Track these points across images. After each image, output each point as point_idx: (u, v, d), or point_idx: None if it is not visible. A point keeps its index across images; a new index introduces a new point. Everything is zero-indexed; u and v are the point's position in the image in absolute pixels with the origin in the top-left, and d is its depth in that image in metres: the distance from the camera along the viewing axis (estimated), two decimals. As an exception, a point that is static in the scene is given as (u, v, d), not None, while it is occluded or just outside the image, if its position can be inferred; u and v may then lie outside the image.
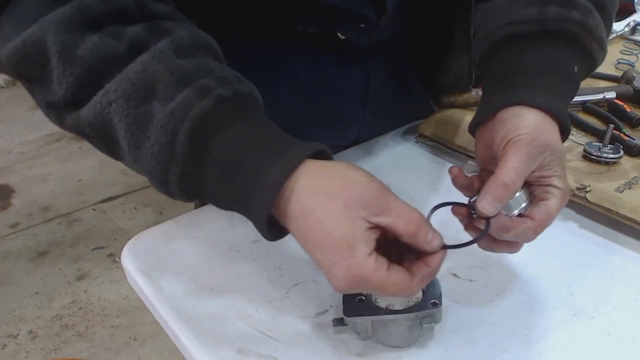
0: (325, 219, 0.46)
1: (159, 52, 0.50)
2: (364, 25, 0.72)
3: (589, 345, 0.53)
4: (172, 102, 0.48)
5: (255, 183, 0.48)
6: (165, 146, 0.48)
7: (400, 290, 0.47)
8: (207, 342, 0.55)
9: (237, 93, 0.51)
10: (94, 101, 0.50)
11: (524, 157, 0.52)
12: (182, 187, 0.51)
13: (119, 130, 0.50)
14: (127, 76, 0.49)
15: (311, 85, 0.79)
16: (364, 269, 0.46)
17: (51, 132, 3.14)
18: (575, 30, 0.60)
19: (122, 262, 0.67)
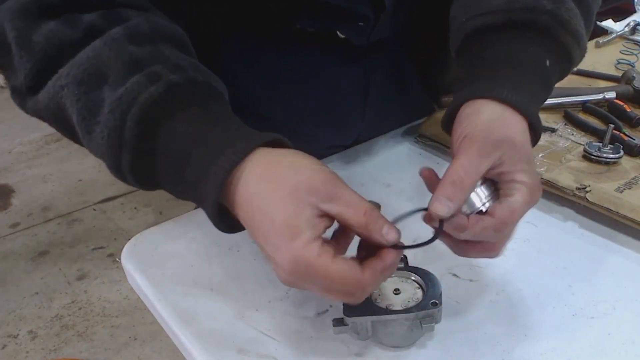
0: (270, 202, 0.45)
1: (111, 38, 0.50)
2: (362, 24, 0.72)
3: (589, 345, 0.53)
4: (122, 88, 0.48)
5: (203, 173, 0.46)
6: (114, 131, 0.48)
7: (349, 283, 0.44)
8: (207, 342, 0.55)
9: (191, 80, 0.50)
10: (48, 86, 0.50)
11: (474, 154, 0.48)
12: (134, 174, 0.50)
13: (71, 115, 0.50)
14: (79, 61, 0.49)
15: (311, 85, 0.79)
16: (306, 253, 0.43)
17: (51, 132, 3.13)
18: (545, 21, 0.56)
19: (122, 262, 0.67)
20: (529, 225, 0.68)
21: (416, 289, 0.54)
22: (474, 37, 0.59)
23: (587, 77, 0.98)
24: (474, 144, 0.49)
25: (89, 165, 2.84)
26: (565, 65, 0.59)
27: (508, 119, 0.51)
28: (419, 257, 0.61)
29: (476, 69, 0.57)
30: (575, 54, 0.59)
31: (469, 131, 0.50)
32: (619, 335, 0.54)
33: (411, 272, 0.56)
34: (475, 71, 0.57)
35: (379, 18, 0.72)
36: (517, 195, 0.49)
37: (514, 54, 0.56)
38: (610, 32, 1.12)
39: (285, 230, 0.44)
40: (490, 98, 0.52)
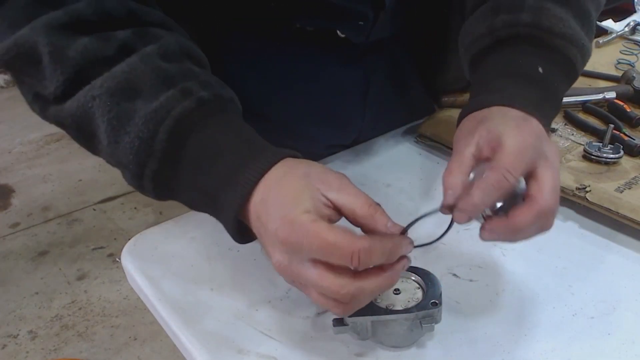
0: (284, 184, 0.48)
1: (146, 55, 0.53)
2: (362, 23, 0.72)
3: (589, 345, 0.53)
4: (156, 101, 0.51)
5: (227, 182, 0.50)
6: (146, 142, 0.51)
7: (344, 243, 0.43)
8: (207, 342, 0.55)
9: (218, 96, 0.54)
10: (79, 95, 0.52)
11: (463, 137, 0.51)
12: (156, 183, 0.53)
13: (99, 125, 0.52)
14: (114, 74, 0.52)
15: (311, 85, 0.79)
16: (303, 217, 0.44)
17: (51, 132, 3.14)
18: (528, 32, 0.59)
19: (122, 262, 0.67)
20: (529, 225, 0.68)
21: (416, 289, 0.54)
22: (474, 65, 0.63)
23: (587, 77, 0.98)
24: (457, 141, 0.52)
25: (89, 165, 2.84)
26: (566, 67, 0.60)
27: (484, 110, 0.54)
28: (419, 257, 0.61)
29: (474, 88, 0.61)
30: (571, 53, 0.60)
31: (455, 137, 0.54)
32: (619, 335, 0.54)
33: (411, 272, 0.56)
34: (473, 91, 0.61)
35: (379, 17, 0.72)
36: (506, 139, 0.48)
37: (503, 68, 0.59)
38: (610, 32, 1.12)
39: (290, 201, 0.46)
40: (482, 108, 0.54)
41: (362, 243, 0.44)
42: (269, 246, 0.48)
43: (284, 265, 0.47)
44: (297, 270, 0.46)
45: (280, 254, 0.46)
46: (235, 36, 0.75)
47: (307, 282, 0.46)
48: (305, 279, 0.46)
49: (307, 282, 0.46)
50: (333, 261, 0.44)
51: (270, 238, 0.47)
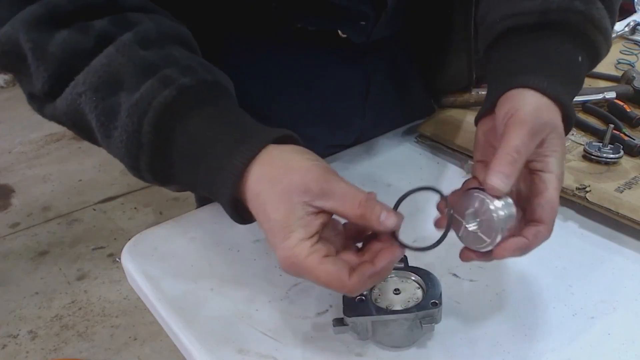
0: (267, 202, 0.47)
1: (123, 44, 0.52)
2: (364, 23, 0.72)
3: (589, 345, 0.53)
4: (137, 93, 0.50)
5: (217, 172, 0.49)
6: (132, 135, 0.50)
7: (335, 284, 0.45)
8: (207, 342, 0.55)
9: (201, 81, 0.52)
10: (66, 93, 0.52)
11: (526, 133, 0.50)
12: (152, 173, 0.53)
13: (90, 120, 0.52)
14: (94, 69, 0.51)
15: (311, 85, 0.79)
16: (296, 252, 0.45)
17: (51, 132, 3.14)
18: (578, 21, 0.59)
19: (122, 262, 0.67)
20: (529, 225, 0.68)
21: (416, 289, 0.54)
22: (506, 36, 0.61)
23: (587, 77, 0.97)
24: (525, 124, 0.50)
25: (89, 165, 2.84)
26: (593, 61, 0.62)
27: (550, 107, 0.53)
28: (419, 257, 0.61)
29: (512, 66, 0.58)
30: (602, 49, 0.61)
31: (517, 112, 0.51)
32: (619, 335, 0.54)
33: (411, 272, 0.56)
34: (511, 68, 0.58)
35: (380, 17, 0.72)
36: (551, 191, 0.51)
37: (550, 52, 0.58)
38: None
39: (279, 231, 0.46)
40: (532, 88, 0.53)
41: (352, 283, 0.45)
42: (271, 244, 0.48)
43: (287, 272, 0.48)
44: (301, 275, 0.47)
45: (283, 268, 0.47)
46: (236, 36, 0.75)
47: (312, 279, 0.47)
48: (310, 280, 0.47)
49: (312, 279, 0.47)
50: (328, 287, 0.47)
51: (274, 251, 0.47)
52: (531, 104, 0.52)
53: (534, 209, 0.51)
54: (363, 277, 0.46)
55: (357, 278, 0.45)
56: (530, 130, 0.50)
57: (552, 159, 0.51)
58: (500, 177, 0.48)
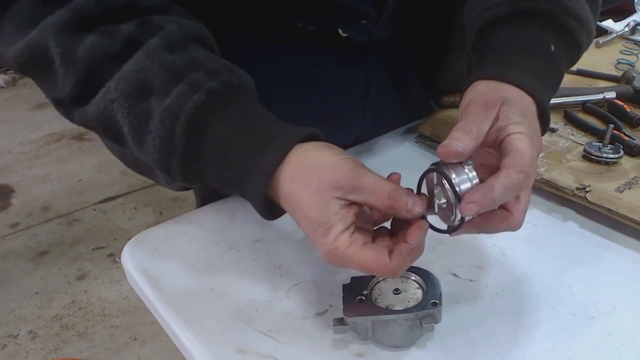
0: (302, 202, 0.49)
1: (151, 49, 0.54)
2: (364, 22, 0.72)
3: (589, 345, 0.53)
4: (168, 98, 0.52)
5: (247, 172, 0.52)
6: (165, 140, 0.53)
7: (378, 267, 0.48)
8: (207, 342, 0.55)
9: (227, 84, 0.55)
10: (97, 99, 0.54)
11: (476, 113, 0.51)
12: (183, 175, 0.55)
13: (123, 126, 0.54)
14: (125, 75, 0.53)
15: (312, 84, 0.79)
16: (337, 245, 0.48)
17: (51, 132, 3.14)
18: (550, 8, 0.59)
19: (122, 262, 0.67)
20: (529, 225, 0.68)
21: (416, 289, 0.54)
22: (484, 30, 0.62)
23: (587, 77, 0.98)
24: (472, 107, 0.52)
25: (89, 165, 2.84)
26: (573, 50, 0.62)
27: (501, 86, 0.54)
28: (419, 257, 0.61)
29: (483, 57, 0.60)
30: (581, 37, 0.61)
31: (469, 99, 0.53)
32: (619, 335, 0.54)
33: (411, 272, 0.56)
34: (482, 59, 0.60)
35: (381, 16, 0.72)
36: (518, 144, 0.50)
37: (519, 40, 0.59)
38: (610, 32, 1.12)
39: (319, 228, 0.49)
40: (495, 79, 0.55)
41: (394, 264, 0.48)
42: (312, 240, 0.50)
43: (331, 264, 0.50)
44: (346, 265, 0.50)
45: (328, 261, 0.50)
46: (237, 35, 0.75)
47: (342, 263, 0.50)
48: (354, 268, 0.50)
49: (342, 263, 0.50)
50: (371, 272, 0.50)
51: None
52: (479, 90, 0.54)
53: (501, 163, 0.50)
54: (402, 255, 0.48)
55: (397, 258, 0.48)
56: (478, 109, 0.51)
57: (512, 125, 0.51)
58: (449, 141, 0.49)
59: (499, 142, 0.51)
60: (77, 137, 3.06)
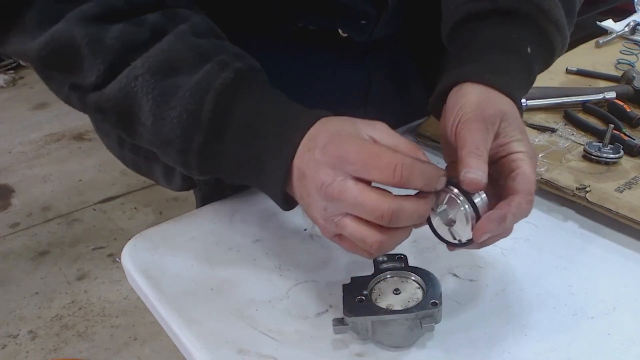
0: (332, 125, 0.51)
1: (181, 32, 0.55)
2: (364, 22, 0.72)
3: (589, 345, 0.53)
4: (196, 75, 0.53)
5: (273, 144, 0.52)
6: (193, 114, 0.53)
7: (388, 162, 0.46)
8: (207, 342, 0.55)
9: (251, 66, 0.57)
10: (120, 77, 0.54)
11: (477, 133, 0.50)
12: (202, 156, 0.55)
13: (143, 104, 0.54)
14: (153, 53, 0.54)
15: (312, 84, 0.79)
16: (351, 133, 0.49)
17: (51, 132, 3.14)
18: (528, 9, 0.59)
19: (122, 262, 0.67)
20: (529, 225, 0.68)
21: (416, 289, 0.54)
22: (461, 24, 0.62)
23: (587, 77, 0.98)
24: (472, 124, 0.51)
25: (89, 165, 2.83)
26: (547, 54, 0.62)
27: (495, 97, 0.54)
28: (419, 257, 0.61)
29: (462, 54, 0.60)
30: (556, 42, 0.61)
31: (462, 114, 0.52)
32: (619, 335, 0.54)
33: (411, 272, 0.56)
34: (461, 56, 0.60)
35: (381, 16, 0.72)
36: (523, 166, 0.51)
37: (497, 40, 0.59)
38: (610, 32, 1.12)
39: (338, 128, 0.50)
40: (475, 81, 0.54)
41: (404, 158, 0.47)
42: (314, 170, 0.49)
43: (326, 184, 0.47)
44: (339, 189, 0.47)
45: (325, 172, 0.48)
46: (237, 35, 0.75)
47: (346, 202, 0.47)
48: (346, 198, 0.47)
49: (346, 202, 0.47)
50: (376, 176, 0.47)
51: (317, 158, 0.49)
52: (473, 103, 0.52)
53: (507, 185, 0.51)
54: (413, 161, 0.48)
55: (408, 157, 0.48)
56: (479, 127, 0.51)
57: (514, 143, 0.52)
58: (474, 171, 0.48)
59: (498, 158, 0.52)
60: (77, 137, 3.06)
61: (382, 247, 0.49)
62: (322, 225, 0.51)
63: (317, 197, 0.49)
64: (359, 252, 0.51)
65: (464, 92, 0.54)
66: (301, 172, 0.50)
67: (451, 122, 0.53)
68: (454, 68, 0.58)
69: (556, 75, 0.97)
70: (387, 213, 0.47)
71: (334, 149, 0.48)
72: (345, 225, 0.48)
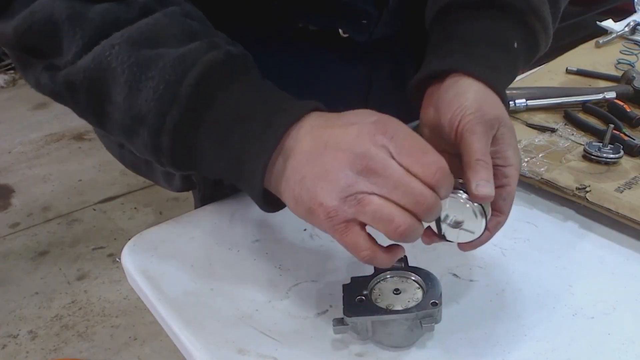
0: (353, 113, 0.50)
1: (170, 12, 0.52)
2: (365, 22, 0.72)
3: (589, 345, 0.53)
4: (182, 49, 0.49)
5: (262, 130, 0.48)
6: (171, 85, 0.48)
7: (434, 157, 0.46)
8: (207, 342, 0.55)
9: (244, 54, 0.53)
10: (95, 49, 0.49)
11: (482, 136, 0.51)
12: (174, 137, 0.49)
13: (117, 75, 0.49)
14: (137, 26, 0.50)
15: (312, 83, 0.79)
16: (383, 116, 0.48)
17: (51, 132, 3.14)
18: (520, 6, 0.59)
19: (122, 262, 0.67)
20: (529, 225, 0.68)
21: (416, 289, 0.54)
22: (449, 10, 0.61)
23: (587, 77, 0.98)
24: (476, 127, 0.51)
25: (89, 165, 2.83)
26: (532, 52, 0.62)
27: (490, 97, 0.54)
28: (419, 257, 0.61)
29: (451, 42, 0.59)
30: (541, 40, 0.61)
31: (464, 114, 0.52)
32: (619, 335, 0.54)
33: (411, 272, 0.56)
34: (449, 43, 0.59)
35: (382, 15, 0.72)
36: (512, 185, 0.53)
37: (488, 33, 0.59)
38: (610, 32, 1.12)
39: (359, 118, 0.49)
40: (469, 74, 0.54)
41: (445, 164, 0.46)
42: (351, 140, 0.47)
43: (369, 156, 0.45)
44: (384, 164, 0.45)
45: (368, 145, 0.45)
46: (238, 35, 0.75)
47: (390, 179, 0.45)
48: (390, 174, 0.45)
49: (390, 179, 0.45)
50: (414, 166, 0.45)
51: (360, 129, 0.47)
52: (473, 101, 0.52)
53: (495, 201, 0.52)
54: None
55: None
56: (482, 131, 0.51)
57: (509, 152, 0.53)
58: (484, 185, 0.49)
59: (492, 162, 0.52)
60: (77, 137, 3.06)
61: (408, 231, 0.45)
62: (334, 208, 0.45)
63: (345, 171, 0.45)
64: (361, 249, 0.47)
65: (463, 88, 0.54)
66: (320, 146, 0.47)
67: (450, 117, 0.53)
68: (445, 55, 0.57)
69: (556, 75, 0.97)
70: (429, 201, 0.45)
71: (383, 126, 0.46)
72: (369, 202, 0.45)
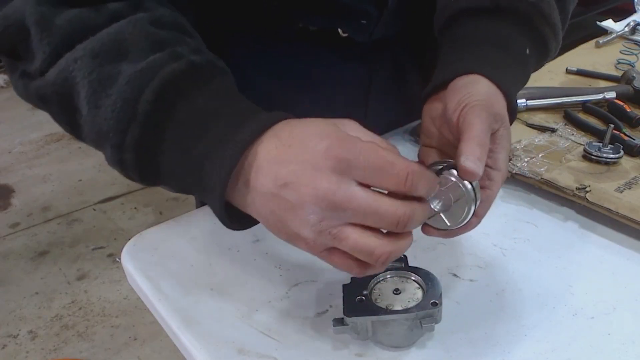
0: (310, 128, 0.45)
1: (136, 19, 0.50)
2: (365, 22, 0.72)
3: (589, 345, 0.53)
4: (142, 62, 0.47)
5: (220, 144, 0.46)
6: (128, 102, 0.47)
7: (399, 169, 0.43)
8: (207, 342, 0.55)
9: (210, 62, 0.51)
10: (61, 61, 0.49)
11: (485, 122, 0.49)
12: (137, 152, 0.48)
13: (80, 90, 0.48)
14: (99, 36, 0.48)
15: (312, 83, 0.79)
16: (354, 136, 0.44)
17: (51, 132, 3.14)
18: (528, 11, 0.59)
19: (122, 262, 0.67)
20: (529, 225, 0.68)
21: (416, 289, 0.54)
22: (459, 17, 0.61)
23: (587, 77, 0.98)
24: (482, 111, 0.50)
25: (89, 165, 2.84)
26: (541, 56, 0.62)
27: (499, 97, 0.53)
28: (419, 257, 0.61)
29: (463, 48, 0.59)
30: (551, 46, 0.61)
31: (470, 100, 0.51)
32: (619, 335, 0.54)
33: (411, 272, 0.56)
34: (461, 49, 0.59)
35: (382, 15, 0.72)
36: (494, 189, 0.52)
37: (500, 39, 0.58)
38: (610, 32, 1.12)
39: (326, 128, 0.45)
40: (483, 75, 0.54)
41: (412, 164, 0.44)
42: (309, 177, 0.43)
43: (331, 192, 0.43)
44: (347, 197, 0.43)
45: (327, 178, 0.43)
46: (238, 36, 0.75)
47: (356, 211, 0.43)
48: (356, 206, 0.43)
49: (356, 211, 0.43)
50: (384, 182, 0.43)
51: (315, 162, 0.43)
52: (483, 93, 0.51)
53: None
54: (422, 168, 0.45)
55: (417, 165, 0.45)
56: (486, 118, 0.50)
57: (501, 155, 0.52)
58: (474, 160, 0.47)
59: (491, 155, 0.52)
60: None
61: (391, 257, 0.45)
62: (311, 240, 0.45)
63: (312, 208, 0.43)
64: (351, 267, 0.46)
65: (474, 80, 0.53)
66: (280, 183, 0.44)
67: (457, 100, 0.51)
68: (456, 60, 0.57)
69: (556, 75, 0.97)
70: (403, 218, 0.44)
71: (339, 153, 0.43)
72: (345, 237, 0.44)
